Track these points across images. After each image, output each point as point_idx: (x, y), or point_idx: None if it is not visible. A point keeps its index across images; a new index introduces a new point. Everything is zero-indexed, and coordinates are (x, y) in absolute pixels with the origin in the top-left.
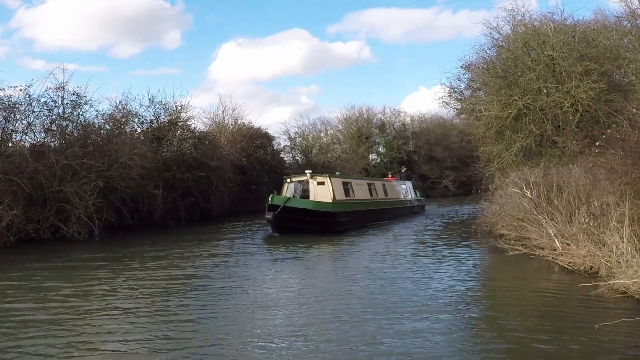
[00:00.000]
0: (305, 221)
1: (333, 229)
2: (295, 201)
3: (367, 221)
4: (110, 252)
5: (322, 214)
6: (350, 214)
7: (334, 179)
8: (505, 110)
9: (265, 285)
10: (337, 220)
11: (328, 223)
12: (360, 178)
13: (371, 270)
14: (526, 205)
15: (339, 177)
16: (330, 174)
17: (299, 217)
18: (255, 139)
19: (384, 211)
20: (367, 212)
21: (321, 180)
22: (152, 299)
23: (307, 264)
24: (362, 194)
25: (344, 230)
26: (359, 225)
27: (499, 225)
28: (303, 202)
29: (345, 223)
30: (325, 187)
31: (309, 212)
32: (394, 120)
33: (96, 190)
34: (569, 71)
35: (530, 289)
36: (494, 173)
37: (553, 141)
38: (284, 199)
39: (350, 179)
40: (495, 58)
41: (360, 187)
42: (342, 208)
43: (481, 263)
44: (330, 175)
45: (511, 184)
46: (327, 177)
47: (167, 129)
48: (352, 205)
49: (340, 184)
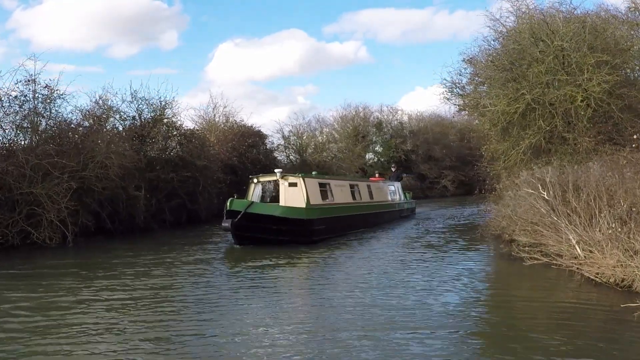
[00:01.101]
0: (271, 230)
1: (306, 238)
2: (259, 206)
3: (348, 228)
4: (82, 258)
5: (292, 221)
6: (327, 220)
7: (308, 179)
8: (513, 105)
9: (231, 302)
10: (311, 229)
11: (300, 232)
12: (340, 179)
13: (360, 288)
14: (541, 208)
15: (315, 178)
16: (304, 174)
17: (264, 226)
18: (247, 137)
19: (369, 216)
20: (348, 218)
21: (293, 181)
22: (120, 313)
23: (264, 288)
24: (342, 197)
25: (320, 240)
26: (339, 233)
27: (510, 229)
28: (269, 207)
29: (321, 232)
30: (297, 190)
31: (276, 219)
32: (391, 118)
33: (69, 192)
34: (581, 63)
35: (557, 305)
36: (499, 172)
37: (563, 138)
38: (245, 203)
39: (329, 179)
40: (501, 50)
41: (341, 189)
42: (317, 214)
43: (493, 274)
44: (304, 176)
45: (523, 183)
46: (299, 178)
47: (150, 126)
48: (330, 211)
49: (316, 186)
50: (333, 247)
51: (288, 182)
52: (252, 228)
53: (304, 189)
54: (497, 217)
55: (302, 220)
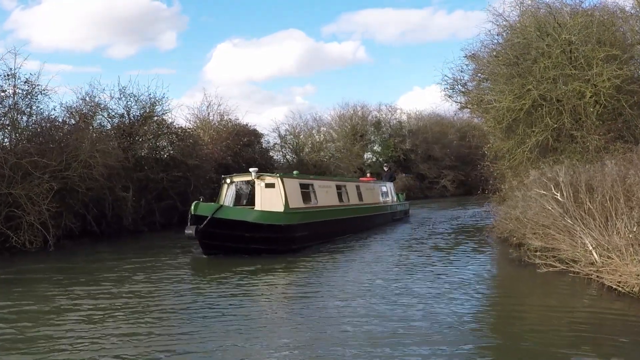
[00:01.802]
0: (244, 238)
1: (285, 247)
2: (228, 210)
3: (334, 234)
4: (62, 263)
5: (268, 227)
6: (310, 226)
7: (287, 179)
8: (518, 101)
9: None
10: (290, 236)
11: (277, 240)
12: (325, 179)
13: (350, 299)
14: (553, 211)
15: (296, 178)
16: (283, 174)
17: (235, 233)
18: (242, 136)
19: (358, 220)
20: (334, 223)
21: (270, 182)
22: (92, 324)
23: (245, 299)
24: (327, 199)
25: (300, 248)
26: (323, 240)
27: (519, 232)
28: (240, 211)
29: (302, 239)
30: (275, 191)
31: (249, 225)
32: (389, 117)
33: (51, 193)
34: (589, 57)
35: (577, 317)
36: (504, 172)
37: (571, 136)
38: (212, 207)
39: (312, 179)
40: (505, 44)
41: (326, 191)
42: (298, 219)
43: (504, 282)
44: (283, 175)
45: (533, 183)
46: (277, 178)
47: (139, 124)
48: (312, 215)
49: (297, 187)
50: (316, 256)
51: (265, 182)
52: (221, 236)
53: (282, 190)
54: (502, 219)
55: (279, 227)
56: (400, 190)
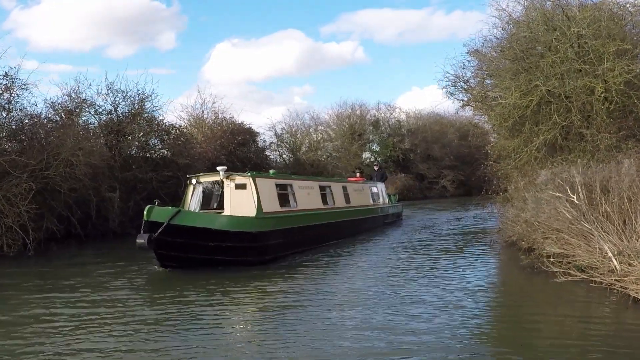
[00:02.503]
0: (208, 248)
1: (257, 258)
2: (188, 216)
3: (316, 241)
4: (42, 268)
5: (236, 235)
6: (287, 232)
7: (260, 179)
8: (525, 98)
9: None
10: (263, 245)
11: (248, 249)
12: (307, 179)
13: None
14: (566, 213)
15: (271, 178)
16: (256, 173)
17: (197, 242)
18: (237, 134)
19: (344, 225)
20: (316, 229)
21: (241, 182)
22: (56, 338)
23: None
24: (309, 201)
25: (275, 258)
26: (304, 248)
27: (529, 237)
28: (203, 217)
29: (278, 248)
30: (246, 193)
31: (213, 233)
32: (388, 116)
33: (30, 194)
34: (600, 51)
35: (606, 331)
36: (509, 172)
37: (580, 134)
38: (169, 212)
39: (291, 179)
40: (512, 38)
41: (307, 192)
42: (272, 225)
43: (517, 291)
44: (256, 175)
45: (545, 184)
46: (249, 178)
47: (127, 121)
48: (290, 220)
49: (273, 188)
50: (293, 267)
51: (235, 183)
52: (180, 245)
53: (255, 192)
54: (509, 222)
55: (250, 234)
56: (399, 190)
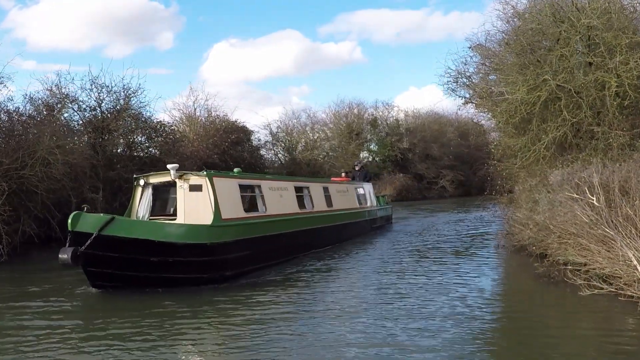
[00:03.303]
0: (150, 265)
1: (213, 275)
2: (124, 225)
3: (291, 252)
4: (14, 273)
5: (185, 248)
6: (253, 243)
7: (219, 179)
8: (533, 93)
9: None
10: (221, 259)
11: (201, 266)
12: (280, 179)
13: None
14: (587, 217)
15: (234, 177)
16: (214, 172)
17: (136, 257)
18: (230, 133)
19: (325, 232)
20: (291, 237)
21: (195, 183)
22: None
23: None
24: (282, 205)
25: (238, 275)
26: (275, 260)
27: (542, 242)
28: (144, 226)
29: (240, 262)
30: (202, 196)
31: (156, 246)
32: (386, 115)
33: (3, 195)
34: (612, 44)
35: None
36: (515, 172)
37: (591, 131)
38: (99, 220)
39: (259, 179)
40: (519, 30)
41: (280, 195)
42: (234, 234)
43: (538, 305)
44: (213, 174)
45: (559, 185)
46: (204, 177)
47: (112, 117)
48: (257, 227)
49: (235, 190)
50: (259, 286)
51: (189, 183)
52: (114, 261)
53: (212, 194)
54: (517, 225)
55: (203, 247)
56: (398, 191)
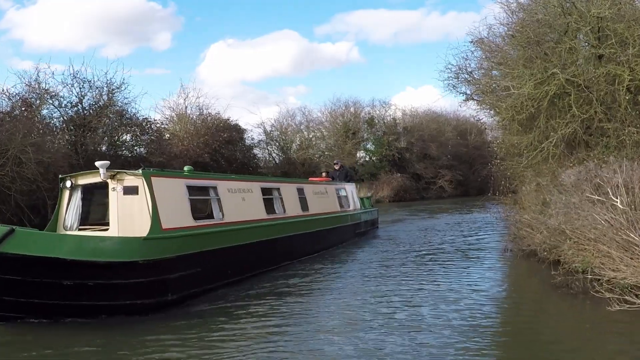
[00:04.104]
0: (63, 290)
1: (148, 302)
2: (29, 239)
3: (256, 267)
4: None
5: (110, 269)
6: (203, 258)
7: (159, 179)
8: (541, 88)
9: None
10: (160, 281)
11: (132, 290)
12: (243, 179)
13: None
14: (606, 221)
15: (180, 177)
16: (154, 170)
17: (43, 281)
18: (222, 131)
19: (299, 240)
20: (255, 249)
21: (131, 185)
22: None
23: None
24: (244, 210)
25: (184, 299)
26: (235, 278)
27: (556, 246)
28: (54, 240)
29: (187, 282)
30: (138, 201)
31: (70, 266)
32: (383, 114)
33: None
34: (625, 36)
35: None
36: (521, 171)
37: (601, 128)
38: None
39: (215, 179)
40: (524, 22)
41: (242, 198)
42: (178, 248)
43: (554, 318)
44: (152, 173)
45: (574, 185)
46: (140, 177)
47: (93, 114)
48: (211, 239)
49: (182, 192)
50: (212, 315)
51: (123, 185)
52: (15, 286)
53: (150, 198)
54: (525, 228)
55: (134, 266)
56: (395, 191)
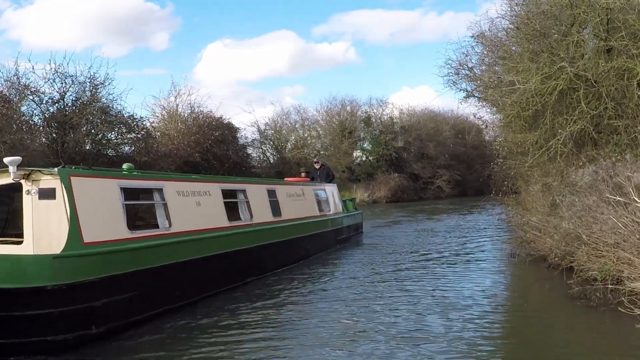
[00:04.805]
0: None
1: (64, 337)
2: None
3: (211, 286)
4: None
5: (9, 297)
6: (140, 279)
7: (81, 180)
8: (548, 82)
9: None
10: (79, 311)
11: (42, 323)
12: (199, 178)
13: None
14: (622, 225)
15: (114, 177)
16: (76, 168)
17: None
18: (214, 130)
19: (270, 251)
20: (211, 264)
21: (47, 187)
22: None
23: None
24: (198, 217)
25: (115, 330)
26: (180, 302)
27: (568, 252)
28: None
29: (117, 311)
30: (56, 207)
31: None
32: (380, 113)
33: None
34: (635, 28)
35: None
36: (526, 171)
37: (611, 125)
38: None
39: (162, 179)
40: (530, 13)
41: (196, 203)
42: (101, 268)
43: (576, 336)
44: (73, 172)
45: (590, 186)
46: (57, 178)
47: (75, 111)
48: (149, 254)
49: (113, 196)
50: (147, 352)
51: (38, 188)
52: None
53: (67, 204)
54: (532, 231)
55: (41, 293)
56: (393, 191)
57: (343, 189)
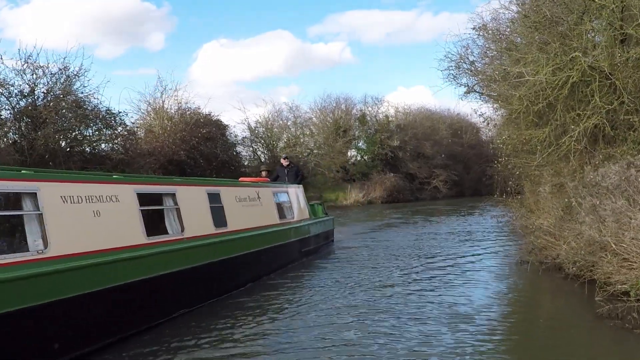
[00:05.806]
0: None
1: None
2: None
3: (113, 330)
4: None
5: None
6: (9, 322)
7: None
8: (559, 74)
9: None
10: None
11: None
12: (98, 179)
13: None
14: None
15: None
16: None
17: None
18: (202, 127)
19: (207, 273)
20: (110, 300)
21: None
22: None
23: None
24: (97, 233)
25: None
26: (62, 357)
27: (601, 265)
28: None
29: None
30: None
31: None
32: (375, 111)
33: None
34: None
35: None
36: (533, 171)
37: (627, 120)
38: None
39: (38, 179)
40: (536, 2)
41: (95, 213)
42: None
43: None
44: None
45: (615, 187)
46: None
47: (46, 104)
48: (13, 289)
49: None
50: None
51: None
52: None
53: None
54: (545, 236)
55: None
56: (388, 192)
57: (337, 190)
